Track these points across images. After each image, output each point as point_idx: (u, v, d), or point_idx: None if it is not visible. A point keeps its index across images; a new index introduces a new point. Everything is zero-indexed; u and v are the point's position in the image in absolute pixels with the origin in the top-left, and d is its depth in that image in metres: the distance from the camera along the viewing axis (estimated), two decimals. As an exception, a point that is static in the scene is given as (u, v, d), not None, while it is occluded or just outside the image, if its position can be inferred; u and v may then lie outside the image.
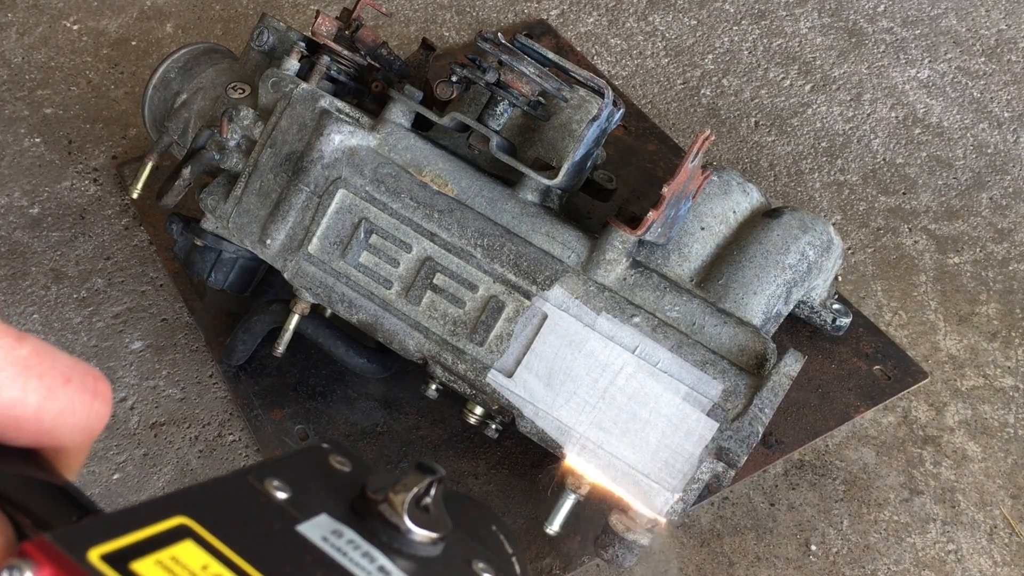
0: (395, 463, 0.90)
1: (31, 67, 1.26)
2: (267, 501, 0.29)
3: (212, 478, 0.30)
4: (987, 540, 0.89)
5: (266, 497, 0.30)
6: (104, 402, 0.32)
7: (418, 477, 0.30)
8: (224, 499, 0.29)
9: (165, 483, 0.89)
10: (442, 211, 0.80)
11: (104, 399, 0.32)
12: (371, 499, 0.30)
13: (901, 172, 1.20)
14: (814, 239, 0.84)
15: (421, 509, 0.30)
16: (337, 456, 0.34)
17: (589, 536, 0.85)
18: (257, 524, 0.28)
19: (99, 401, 0.31)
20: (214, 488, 0.29)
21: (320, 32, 0.85)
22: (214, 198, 0.85)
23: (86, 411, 0.31)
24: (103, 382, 0.32)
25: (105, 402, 0.32)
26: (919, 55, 1.34)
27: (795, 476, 0.92)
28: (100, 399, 0.31)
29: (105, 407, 0.32)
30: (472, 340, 0.79)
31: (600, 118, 0.79)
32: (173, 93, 0.94)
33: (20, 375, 0.29)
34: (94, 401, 0.31)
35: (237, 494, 0.29)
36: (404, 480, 0.30)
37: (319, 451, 0.33)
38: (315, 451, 0.33)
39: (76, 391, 0.30)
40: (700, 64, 1.32)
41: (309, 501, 0.30)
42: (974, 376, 1.01)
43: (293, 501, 0.30)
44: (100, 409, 0.31)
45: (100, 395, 0.31)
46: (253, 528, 0.28)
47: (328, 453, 0.33)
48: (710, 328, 0.76)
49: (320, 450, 0.33)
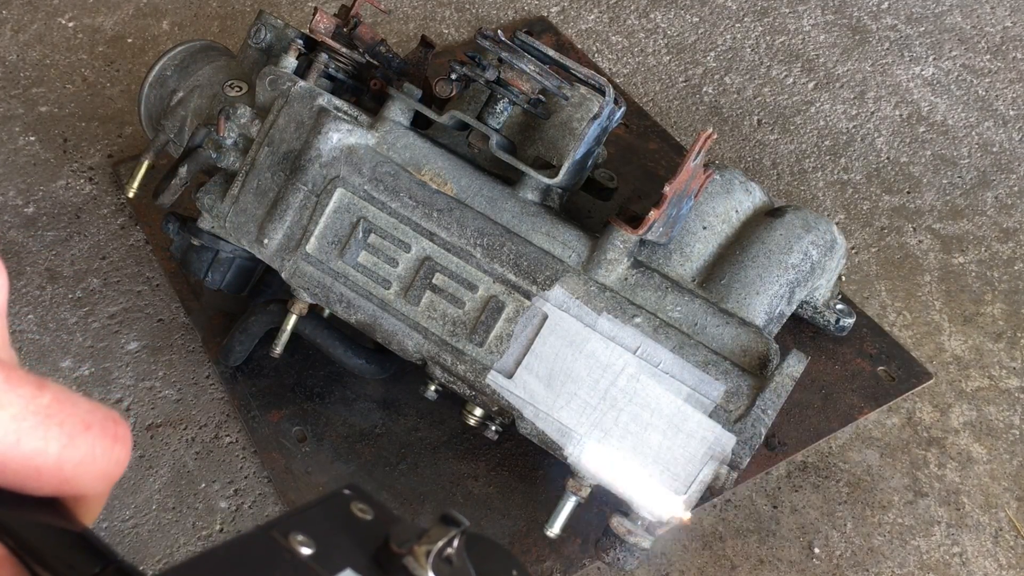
0: (394, 465, 0.90)
1: (26, 65, 1.26)
2: (292, 559, 0.29)
3: (236, 536, 0.30)
4: (992, 543, 0.89)
5: (291, 554, 0.30)
6: (124, 446, 0.31)
7: (443, 530, 0.31)
8: (250, 561, 0.29)
9: (161, 485, 0.89)
10: (441, 210, 0.80)
11: (124, 443, 0.32)
12: (395, 553, 0.31)
13: (905, 171, 1.20)
14: (817, 239, 0.84)
15: (445, 561, 0.31)
16: (359, 503, 0.34)
17: (590, 539, 0.85)
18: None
19: (119, 445, 0.31)
20: (239, 549, 0.29)
21: (318, 29, 0.85)
22: (211, 197, 0.85)
23: (107, 457, 0.31)
24: (123, 426, 0.32)
25: (125, 446, 0.32)
26: (923, 52, 1.34)
27: (798, 478, 0.92)
28: (120, 443, 0.31)
29: (124, 451, 0.32)
30: (472, 341, 0.79)
31: (601, 116, 0.79)
32: (169, 91, 0.94)
33: (41, 425, 0.29)
34: (115, 446, 0.31)
35: (263, 554, 0.29)
36: (428, 533, 0.31)
37: (341, 498, 0.33)
38: (337, 498, 0.33)
39: (97, 437, 0.30)
40: (702, 62, 1.32)
41: (333, 555, 0.30)
42: (979, 377, 1.01)
43: (318, 556, 0.30)
44: (120, 454, 0.31)
45: (120, 439, 0.31)
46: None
47: (350, 500, 0.33)
48: (712, 329, 0.76)
49: (342, 497, 0.33)
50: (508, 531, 0.87)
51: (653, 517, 0.76)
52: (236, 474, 0.90)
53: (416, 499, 0.88)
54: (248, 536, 0.30)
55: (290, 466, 0.89)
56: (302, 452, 0.90)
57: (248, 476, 0.90)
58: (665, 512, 0.75)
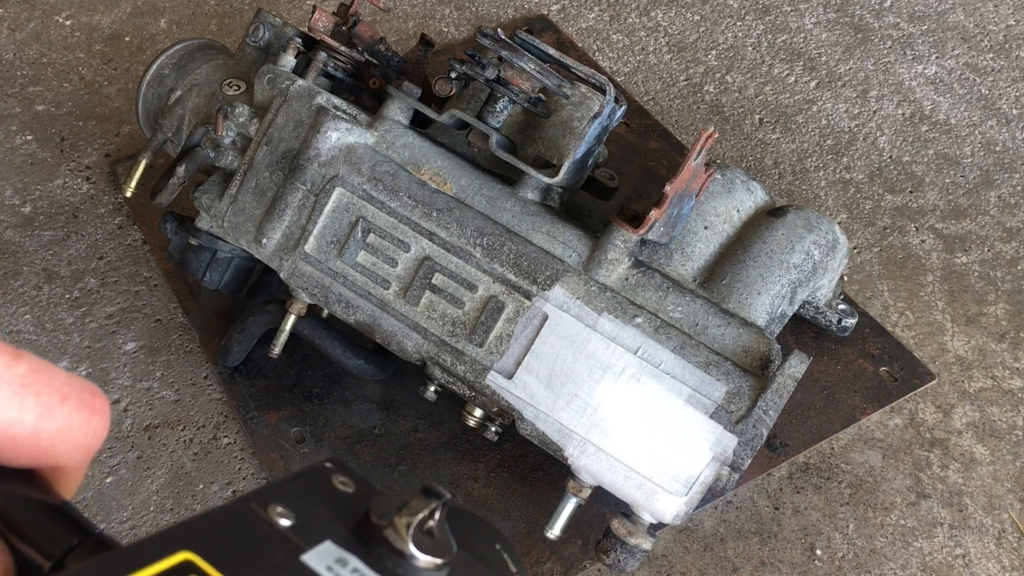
0: (393, 466, 0.90)
1: (23, 63, 1.26)
2: (270, 529, 0.29)
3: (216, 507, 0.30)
4: (995, 544, 0.89)
5: (269, 525, 0.30)
6: (102, 418, 0.31)
7: (423, 502, 0.31)
8: (227, 530, 0.29)
9: (159, 486, 0.89)
10: (441, 210, 0.80)
11: (102, 415, 0.31)
12: (375, 524, 0.30)
13: (908, 170, 1.20)
14: (819, 238, 0.84)
15: (426, 534, 0.30)
16: (340, 476, 0.33)
17: (590, 540, 0.85)
18: (262, 556, 0.29)
19: (97, 417, 0.31)
20: (217, 518, 0.29)
21: (317, 28, 0.85)
22: (209, 196, 0.85)
23: (84, 428, 0.31)
24: (101, 398, 0.32)
25: (103, 418, 0.32)
26: (926, 51, 1.34)
27: (800, 479, 0.92)
28: (98, 415, 0.31)
29: (103, 424, 0.32)
30: (471, 341, 0.79)
31: (602, 115, 0.79)
32: (167, 90, 0.94)
33: (16, 394, 0.29)
34: (92, 418, 0.31)
35: (240, 524, 0.29)
36: (409, 505, 0.30)
37: (322, 471, 0.33)
38: (318, 471, 0.33)
39: (74, 408, 0.30)
40: (703, 60, 1.32)
41: (313, 527, 0.30)
42: (982, 378, 1.01)
43: (297, 528, 0.30)
44: (98, 426, 0.31)
45: (98, 411, 0.31)
46: (257, 561, 0.28)
47: (331, 473, 0.33)
48: (713, 329, 0.76)
49: (323, 470, 0.33)
50: (508, 532, 0.87)
51: (654, 519, 0.76)
52: (234, 475, 0.90)
53: (415, 500, 0.88)
54: (227, 507, 0.30)
55: (289, 467, 0.89)
56: (301, 453, 0.90)
57: (247, 477, 0.90)
58: (666, 514, 0.75)
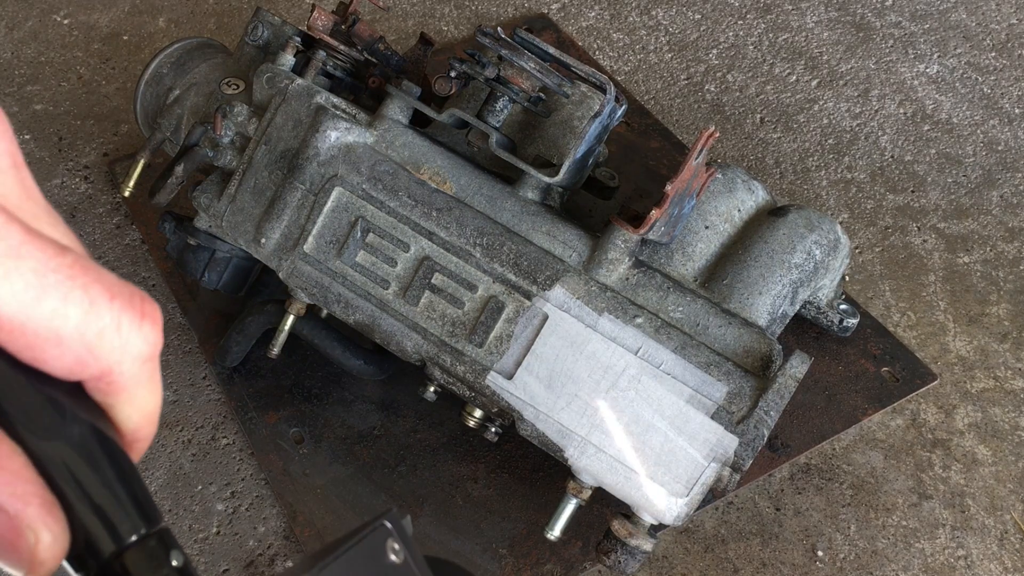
0: (392, 467, 0.90)
1: (20, 62, 1.26)
2: None
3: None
4: (997, 546, 0.89)
5: None
6: (154, 325, 0.29)
7: None
8: None
9: (157, 487, 0.89)
10: (440, 209, 0.80)
11: (154, 322, 0.29)
12: None
13: (910, 170, 1.20)
14: (821, 238, 0.84)
15: None
16: (394, 543, 0.33)
17: (591, 542, 0.85)
18: None
19: (148, 322, 0.29)
20: None
21: (316, 26, 0.85)
22: (207, 196, 0.85)
23: (134, 332, 0.29)
24: (151, 303, 0.29)
25: (155, 326, 0.29)
26: (928, 50, 1.34)
27: (801, 480, 0.92)
28: (149, 320, 0.29)
29: (155, 331, 0.29)
30: (471, 341, 0.79)
31: (602, 114, 0.79)
32: (166, 89, 0.94)
33: (61, 284, 0.27)
34: (143, 322, 0.29)
35: None
36: None
37: (380, 535, 0.33)
38: (377, 537, 0.32)
39: (123, 308, 0.28)
40: (704, 59, 1.32)
41: None
42: (984, 378, 1.01)
43: None
44: (150, 333, 0.29)
45: (148, 316, 0.29)
46: None
47: (387, 538, 0.33)
48: (714, 329, 0.76)
49: (382, 532, 0.33)
50: (508, 534, 0.87)
51: (654, 520, 0.76)
52: (233, 476, 0.90)
53: (415, 501, 0.88)
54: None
55: (288, 468, 0.89)
56: (300, 454, 0.90)
57: (245, 478, 0.90)
58: (667, 515, 0.75)
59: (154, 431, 0.32)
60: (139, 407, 0.31)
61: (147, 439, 0.32)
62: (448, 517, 0.87)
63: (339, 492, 0.88)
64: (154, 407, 0.31)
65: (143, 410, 0.31)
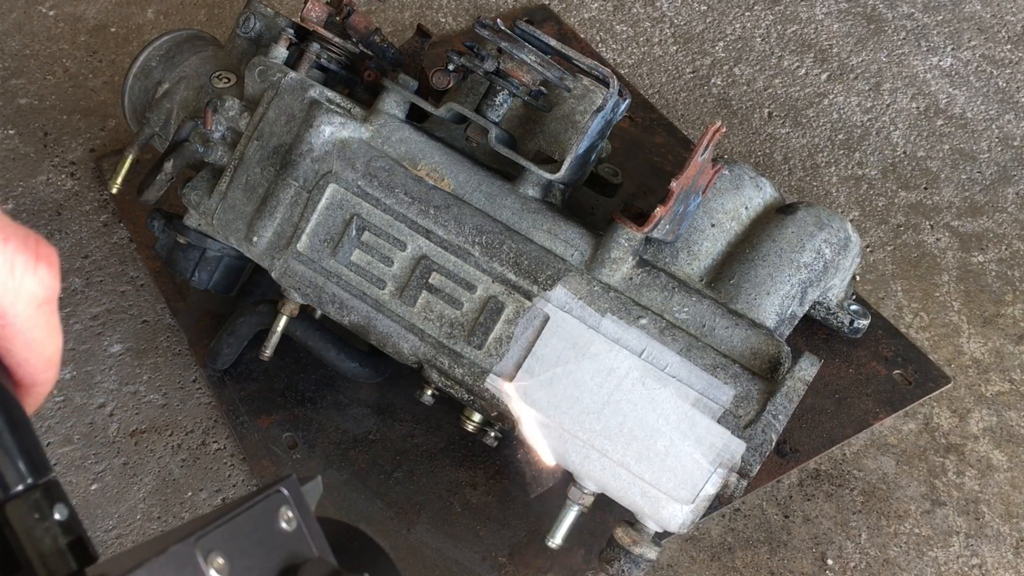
0: (389, 472, 0.90)
1: (4, 55, 1.26)
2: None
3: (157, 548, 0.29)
4: (1013, 554, 0.89)
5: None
6: (49, 267, 0.30)
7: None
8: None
9: (146, 494, 0.89)
10: (438, 207, 0.80)
11: (49, 263, 0.30)
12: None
13: (922, 166, 1.20)
14: (831, 236, 0.84)
15: None
16: (288, 511, 0.33)
17: (593, 550, 0.85)
18: None
19: (43, 265, 0.30)
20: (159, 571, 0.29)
21: (309, 18, 0.85)
22: (198, 193, 0.86)
23: (28, 274, 0.29)
24: (46, 246, 0.30)
25: (51, 268, 0.30)
26: (941, 42, 1.34)
27: (810, 486, 0.93)
28: (44, 262, 0.30)
29: (51, 274, 0.30)
30: (470, 343, 0.79)
31: (605, 109, 0.79)
32: (155, 82, 0.94)
33: None
34: (38, 264, 0.30)
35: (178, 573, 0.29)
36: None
37: (274, 501, 0.33)
38: (269, 504, 0.33)
39: (16, 250, 0.29)
40: (710, 52, 1.32)
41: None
42: (999, 381, 1.01)
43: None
44: (45, 275, 0.30)
45: (44, 258, 0.30)
46: None
47: (280, 506, 0.33)
48: (721, 330, 0.76)
49: (275, 499, 0.33)
50: (508, 541, 0.87)
51: (659, 527, 0.76)
52: (224, 482, 0.90)
53: (412, 508, 0.88)
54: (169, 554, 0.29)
55: (280, 474, 0.89)
56: (293, 459, 0.90)
57: (236, 484, 0.90)
58: (671, 522, 0.75)
59: (54, 376, 0.33)
60: (37, 351, 0.31)
61: (46, 384, 0.33)
62: (446, 524, 0.87)
63: (333, 499, 0.88)
64: (53, 351, 0.32)
65: (41, 354, 0.32)
